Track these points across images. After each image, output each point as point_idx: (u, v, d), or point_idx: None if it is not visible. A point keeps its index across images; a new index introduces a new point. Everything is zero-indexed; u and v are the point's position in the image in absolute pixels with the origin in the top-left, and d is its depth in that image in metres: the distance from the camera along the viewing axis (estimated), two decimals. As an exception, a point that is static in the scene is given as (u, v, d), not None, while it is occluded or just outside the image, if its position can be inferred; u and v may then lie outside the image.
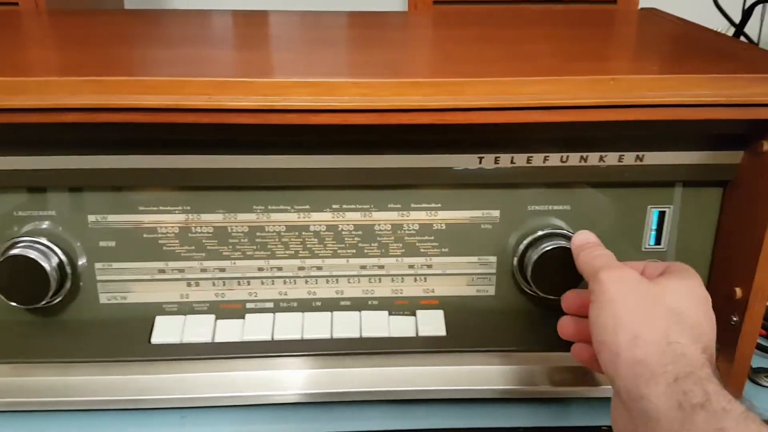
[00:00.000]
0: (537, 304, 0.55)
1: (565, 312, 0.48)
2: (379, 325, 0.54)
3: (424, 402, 0.54)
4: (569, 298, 0.48)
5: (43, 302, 0.51)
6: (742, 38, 0.94)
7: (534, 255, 0.51)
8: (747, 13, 0.93)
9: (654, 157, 0.50)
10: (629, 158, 0.50)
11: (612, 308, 0.40)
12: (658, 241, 0.54)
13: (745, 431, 0.34)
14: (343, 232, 0.53)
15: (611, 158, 0.50)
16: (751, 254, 0.49)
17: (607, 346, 0.40)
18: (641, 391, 0.37)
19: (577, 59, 0.52)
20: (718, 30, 0.68)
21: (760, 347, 0.60)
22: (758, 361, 0.59)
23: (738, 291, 0.51)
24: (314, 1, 1.21)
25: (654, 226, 0.54)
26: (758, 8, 0.94)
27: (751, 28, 0.98)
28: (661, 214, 0.54)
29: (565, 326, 0.47)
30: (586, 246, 0.46)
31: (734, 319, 0.52)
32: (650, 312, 0.40)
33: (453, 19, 0.72)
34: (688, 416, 0.35)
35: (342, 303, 0.55)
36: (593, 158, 0.50)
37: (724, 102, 0.44)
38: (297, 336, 0.53)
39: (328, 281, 0.55)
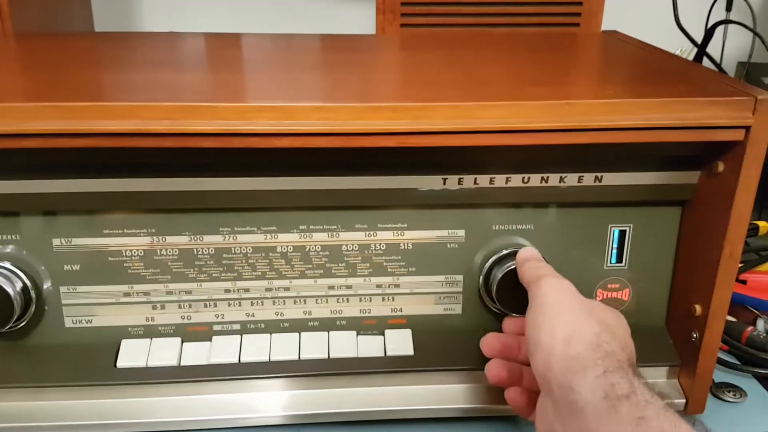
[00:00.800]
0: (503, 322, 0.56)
1: (488, 356, 0.51)
2: (347, 345, 0.54)
3: (393, 423, 0.54)
4: (489, 341, 0.51)
5: (7, 327, 0.50)
6: (705, 58, 0.96)
7: (499, 273, 0.52)
8: (709, 33, 0.95)
9: (613, 178, 0.51)
10: (588, 179, 0.51)
11: (551, 311, 0.43)
12: (619, 260, 0.55)
13: (665, 421, 0.36)
14: (311, 253, 0.54)
15: (571, 179, 0.51)
16: (709, 271, 0.50)
17: (542, 345, 0.42)
18: (571, 383, 0.39)
19: (535, 84, 0.53)
20: (681, 50, 0.69)
21: (723, 363, 0.61)
22: (720, 376, 0.60)
23: (698, 308, 0.52)
24: (286, 24, 1.22)
25: (615, 245, 0.55)
26: (720, 28, 0.96)
27: (714, 49, 1.00)
28: (622, 233, 0.55)
29: (494, 367, 0.50)
30: (531, 259, 0.50)
31: (694, 335, 0.53)
32: (585, 318, 0.42)
33: (419, 42, 0.73)
34: (613, 406, 0.37)
35: (310, 323, 0.56)
36: (554, 179, 0.51)
37: (677, 125, 0.46)
38: (265, 358, 0.53)
39: (295, 302, 0.55)
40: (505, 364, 0.50)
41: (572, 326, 0.42)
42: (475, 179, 0.51)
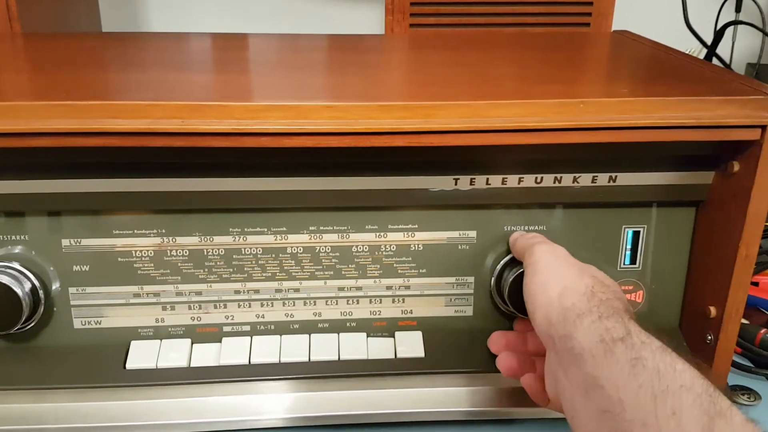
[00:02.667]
0: (514, 323, 0.55)
1: (494, 352, 0.52)
2: (357, 347, 0.54)
3: (403, 425, 0.54)
4: (495, 338, 0.52)
5: (16, 328, 0.50)
6: (714, 59, 0.95)
7: (511, 275, 0.51)
8: (719, 35, 0.95)
9: (627, 178, 0.51)
10: (602, 179, 0.51)
11: (544, 273, 0.45)
12: (633, 261, 0.55)
13: (661, 361, 0.36)
14: (321, 254, 0.53)
15: (585, 179, 0.51)
16: (724, 273, 0.50)
17: (539, 303, 0.43)
18: (569, 330, 0.40)
19: (548, 82, 0.52)
20: (691, 51, 0.69)
21: (736, 365, 0.60)
22: (735, 379, 0.60)
23: (712, 310, 0.51)
24: (294, 24, 1.22)
25: (629, 246, 0.54)
26: (729, 29, 0.95)
27: (723, 49, 1.00)
28: (636, 234, 0.54)
29: (503, 359, 0.50)
30: (523, 235, 0.51)
31: (709, 337, 0.52)
32: (577, 274, 0.44)
33: (428, 42, 0.73)
34: (609, 348, 0.37)
35: (320, 325, 0.55)
36: (567, 179, 0.51)
37: (693, 124, 0.45)
38: (275, 359, 0.53)
39: (305, 303, 0.55)
40: (514, 354, 0.50)
41: (565, 282, 0.43)
42: (487, 179, 0.50)
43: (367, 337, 0.55)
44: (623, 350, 0.37)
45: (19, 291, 0.49)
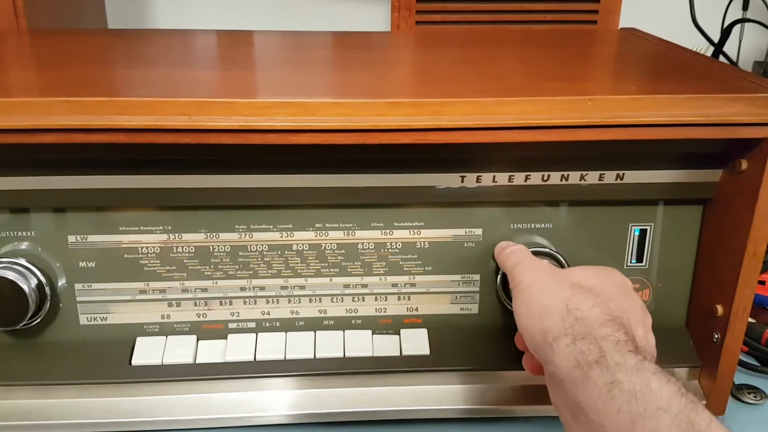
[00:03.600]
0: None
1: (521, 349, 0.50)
2: (362, 344, 0.54)
3: (408, 422, 0.54)
4: (518, 337, 0.50)
5: (22, 324, 0.50)
6: (721, 57, 0.95)
7: (517, 273, 0.51)
8: (726, 33, 0.94)
9: (634, 176, 0.51)
10: (610, 177, 0.51)
11: (527, 294, 0.44)
12: (639, 259, 0.55)
13: (637, 382, 0.36)
14: (326, 251, 0.53)
15: (592, 177, 0.51)
16: (731, 271, 0.49)
17: (525, 327, 0.43)
18: (548, 355, 0.40)
19: (555, 79, 0.52)
20: (698, 49, 0.69)
21: (742, 364, 0.60)
22: (741, 377, 0.59)
23: (719, 308, 0.51)
24: (300, 21, 1.22)
25: (635, 244, 0.54)
26: (736, 27, 0.95)
27: (730, 47, 0.99)
28: (643, 232, 0.54)
29: (526, 359, 0.49)
30: (505, 248, 0.50)
31: (716, 336, 0.52)
32: (555, 288, 0.43)
33: (435, 39, 0.73)
34: (586, 373, 0.37)
35: (325, 322, 0.55)
36: (574, 177, 0.51)
37: (702, 122, 0.45)
38: (280, 356, 0.53)
39: (311, 300, 0.55)
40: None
41: (544, 300, 0.42)
42: (494, 177, 0.50)
43: (373, 334, 0.55)
44: (599, 374, 0.37)
45: (25, 287, 0.49)
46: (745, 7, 1.13)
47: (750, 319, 0.65)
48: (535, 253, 0.52)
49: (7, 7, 0.78)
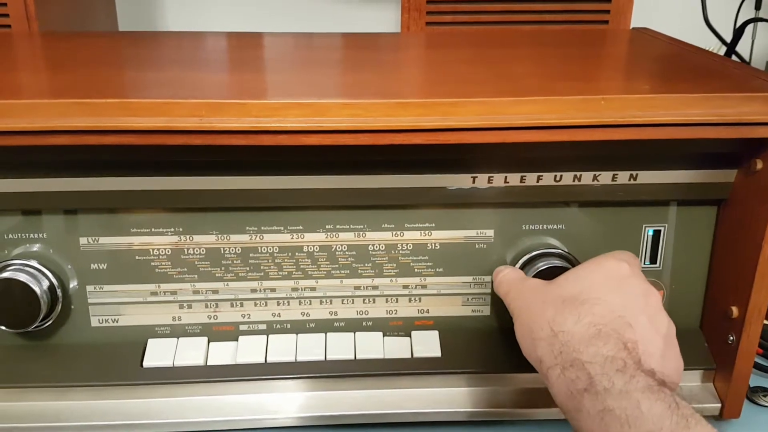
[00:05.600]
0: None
1: None
2: (373, 346, 0.54)
3: (419, 425, 0.54)
4: None
5: (34, 326, 0.50)
6: (734, 57, 0.94)
7: (529, 275, 0.51)
8: (738, 32, 0.93)
9: (648, 176, 0.50)
10: (623, 177, 0.50)
11: (519, 321, 0.45)
12: (653, 260, 0.54)
13: (627, 406, 0.36)
14: (337, 253, 0.53)
15: (605, 177, 0.50)
16: (747, 273, 0.49)
17: (526, 355, 0.43)
18: (547, 384, 0.41)
19: (568, 79, 0.52)
20: (710, 49, 0.68)
21: (757, 366, 0.59)
22: (756, 380, 0.59)
23: (734, 310, 0.51)
24: (310, 23, 1.22)
25: (649, 245, 0.54)
26: (749, 27, 0.94)
27: (743, 47, 0.98)
28: (656, 233, 0.53)
29: None
30: (496, 275, 0.51)
31: (731, 338, 0.51)
32: (540, 310, 0.43)
33: (445, 40, 0.72)
34: (579, 402, 0.38)
35: (336, 324, 0.55)
36: (587, 177, 0.50)
37: (716, 121, 0.44)
38: (290, 358, 0.53)
39: (321, 302, 0.54)
40: None
41: (532, 326, 0.43)
42: (506, 178, 0.50)
43: (384, 336, 0.54)
44: (590, 403, 0.37)
45: (37, 289, 0.49)
46: (757, 7, 1.11)
47: (765, 321, 0.65)
48: (547, 255, 0.52)
49: (19, 10, 0.79)
